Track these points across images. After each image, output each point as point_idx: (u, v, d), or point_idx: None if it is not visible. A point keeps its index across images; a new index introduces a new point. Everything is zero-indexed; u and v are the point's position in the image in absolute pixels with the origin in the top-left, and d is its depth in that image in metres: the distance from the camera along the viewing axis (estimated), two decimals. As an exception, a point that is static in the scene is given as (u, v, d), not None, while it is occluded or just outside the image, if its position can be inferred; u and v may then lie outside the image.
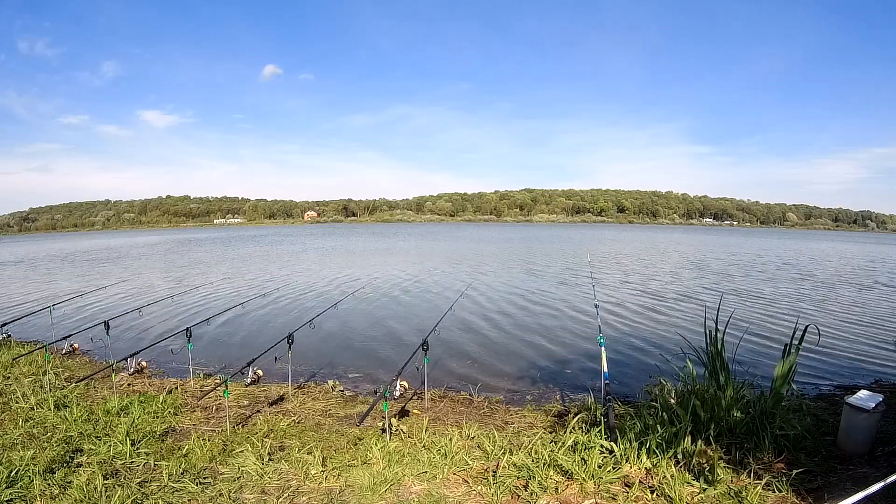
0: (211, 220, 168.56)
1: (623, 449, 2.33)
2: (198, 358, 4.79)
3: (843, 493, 1.94)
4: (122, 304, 8.39)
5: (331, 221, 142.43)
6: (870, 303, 8.83)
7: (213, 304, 8.19)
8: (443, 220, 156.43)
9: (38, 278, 13.64)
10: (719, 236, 48.02)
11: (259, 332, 6.23)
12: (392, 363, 3.71)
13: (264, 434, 2.75)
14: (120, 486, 2.13)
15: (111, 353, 4.78)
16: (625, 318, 7.07)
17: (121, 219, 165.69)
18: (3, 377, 3.79)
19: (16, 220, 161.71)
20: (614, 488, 2.13)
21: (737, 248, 26.72)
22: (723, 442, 2.45)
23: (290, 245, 29.65)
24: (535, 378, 4.51)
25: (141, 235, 58.42)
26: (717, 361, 2.96)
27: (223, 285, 10.89)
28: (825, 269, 15.81)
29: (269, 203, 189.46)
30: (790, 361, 2.81)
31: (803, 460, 2.38)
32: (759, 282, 11.75)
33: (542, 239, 37.21)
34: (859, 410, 2.42)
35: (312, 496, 2.13)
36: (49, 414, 2.96)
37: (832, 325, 6.84)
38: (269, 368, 4.27)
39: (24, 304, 8.87)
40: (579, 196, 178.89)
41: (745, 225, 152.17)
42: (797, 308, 8.15)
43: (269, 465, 2.36)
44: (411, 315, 7.38)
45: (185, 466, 2.34)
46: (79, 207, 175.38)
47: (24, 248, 33.95)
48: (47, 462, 2.30)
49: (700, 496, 2.04)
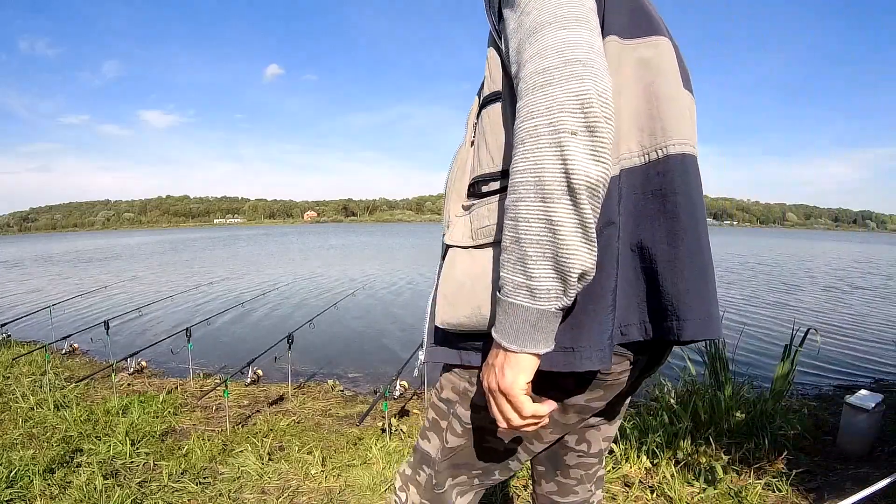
0: (211, 220, 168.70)
1: (623, 449, 2.33)
2: (198, 358, 4.79)
3: (842, 493, 1.94)
4: (122, 304, 8.38)
5: (331, 221, 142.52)
6: (870, 302, 8.84)
7: (213, 304, 8.19)
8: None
9: (37, 278, 13.64)
10: (719, 236, 48.05)
11: (259, 331, 6.23)
12: (392, 363, 3.71)
13: (264, 434, 2.75)
14: (119, 486, 2.13)
15: (111, 353, 4.77)
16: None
17: (121, 219, 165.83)
18: (3, 377, 3.78)
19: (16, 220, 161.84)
20: (614, 488, 2.13)
21: (737, 248, 26.73)
22: (723, 442, 2.45)
23: (289, 245, 29.65)
24: (535, 378, 4.51)
25: (141, 235, 58.50)
26: (717, 361, 2.96)
27: (223, 285, 10.89)
28: (825, 268, 15.82)
29: (269, 203, 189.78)
30: (790, 361, 2.81)
31: (803, 460, 2.38)
32: (759, 281, 11.75)
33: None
34: (859, 410, 2.42)
35: (312, 496, 2.13)
36: (49, 414, 2.96)
37: (832, 324, 6.85)
38: (269, 368, 4.27)
39: (24, 303, 8.87)
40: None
41: (745, 225, 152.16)
42: (797, 308, 8.15)
43: (269, 465, 2.36)
44: (411, 314, 7.37)
45: (184, 466, 2.34)
46: (79, 207, 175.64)
47: (23, 248, 33.95)
48: (47, 462, 2.30)
49: (700, 496, 2.04)
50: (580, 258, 0.56)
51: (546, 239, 0.55)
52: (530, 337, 0.59)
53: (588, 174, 0.54)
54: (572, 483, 0.96)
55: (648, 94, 0.67)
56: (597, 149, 0.55)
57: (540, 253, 0.56)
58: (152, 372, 4.44)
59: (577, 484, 0.96)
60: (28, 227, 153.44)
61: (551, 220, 0.55)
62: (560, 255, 0.55)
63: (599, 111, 0.54)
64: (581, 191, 0.54)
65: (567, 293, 0.57)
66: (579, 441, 0.91)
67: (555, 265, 0.56)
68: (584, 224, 0.55)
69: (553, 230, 0.55)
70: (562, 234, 0.55)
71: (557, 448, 0.93)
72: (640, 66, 0.67)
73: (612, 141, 0.56)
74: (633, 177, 0.67)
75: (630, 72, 0.67)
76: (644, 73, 0.68)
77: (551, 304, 0.57)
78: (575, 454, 0.93)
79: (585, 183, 0.54)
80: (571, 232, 0.55)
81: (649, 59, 0.68)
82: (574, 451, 0.92)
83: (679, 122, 0.67)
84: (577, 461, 0.93)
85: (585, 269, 0.57)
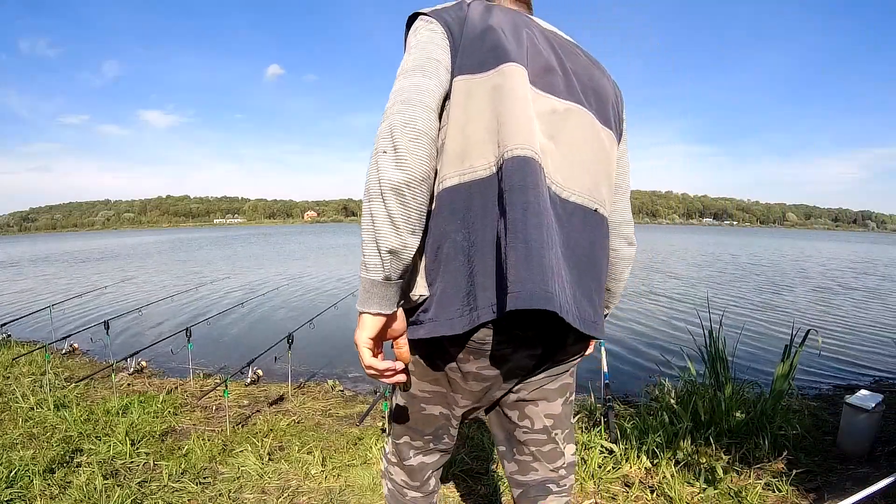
0: (211, 220, 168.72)
1: (623, 449, 2.33)
2: (198, 358, 4.79)
3: (842, 492, 1.95)
4: (122, 304, 8.38)
5: (331, 221, 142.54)
6: (870, 302, 8.83)
7: (213, 304, 8.19)
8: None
9: (37, 278, 13.64)
10: (719, 236, 48.03)
11: (259, 331, 6.23)
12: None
13: (264, 434, 2.75)
14: (119, 486, 2.13)
15: (111, 352, 4.77)
16: (625, 319, 7.07)
17: (121, 218, 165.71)
18: (3, 377, 3.78)
19: (16, 220, 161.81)
20: (614, 488, 2.13)
21: (737, 248, 26.72)
22: (723, 442, 2.45)
23: (289, 244, 29.65)
24: (535, 378, 4.50)
25: (141, 235, 58.48)
26: (717, 362, 2.96)
27: (223, 285, 10.89)
28: (825, 268, 15.81)
29: (269, 203, 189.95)
30: (790, 361, 2.81)
31: (803, 460, 2.38)
32: (759, 281, 11.75)
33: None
34: (859, 410, 2.42)
35: (312, 496, 2.13)
36: (49, 414, 2.96)
37: (832, 324, 6.85)
38: (269, 368, 4.27)
39: (24, 303, 8.87)
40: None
41: (745, 225, 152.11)
42: (797, 307, 8.15)
43: (269, 465, 2.36)
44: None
45: (184, 466, 2.34)
46: (79, 207, 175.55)
47: (23, 248, 33.95)
48: (47, 462, 2.30)
49: (700, 496, 2.04)
50: (388, 239, 0.77)
51: (369, 227, 0.78)
52: (366, 301, 0.81)
53: (391, 179, 0.77)
54: (529, 460, 1.09)
55: (497, 114, 0.83)
56: (399, 161, 0.77)
57: (368, 237, 0.79)
58: (152, 372, 4.44)
59: (534, 461, 1.09)
60: (28, 227, 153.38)
61: (371, 213, 0.78)
62: (378, 238, 0.77)
63: (401, 135, 0.78)
64: (387, 191, 0.77)
65: (384, 267, 0.79)
66: (521, 417, 1.06)
67: (376, 246, 0.78)
68: (391, 215, 0.77)
69: (372, 220, 0.78)
70: (377, 223, 0.77)
71: (507, 425, 1.09)
72: (494, 92, 0.84)
73: (416, 155, 0.78)
74: (484, 185, 0.83)
75: (483, 99, 0.85)
76: (495, 97, 0.84)
77: (377, 275, 0.79)
78: (521, 430, 1.07)
79: (390, 185, 0.76)
80: (382, 221, 0.77)
81: (501, 85, 0.84)
82: (519, 426, 1.07)
83: (518, 130, 0.82)
84: (525, 437, 1.07)
85: (393, 247, 0.78)
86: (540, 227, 0.79)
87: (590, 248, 0.92)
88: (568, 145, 0.90)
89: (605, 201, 0.97)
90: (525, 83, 0.86)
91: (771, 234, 58.48)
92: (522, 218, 0.78)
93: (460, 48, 0.87)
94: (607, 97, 1.00)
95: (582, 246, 0.91)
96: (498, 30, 0.89)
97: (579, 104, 0.92)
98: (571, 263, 0.88)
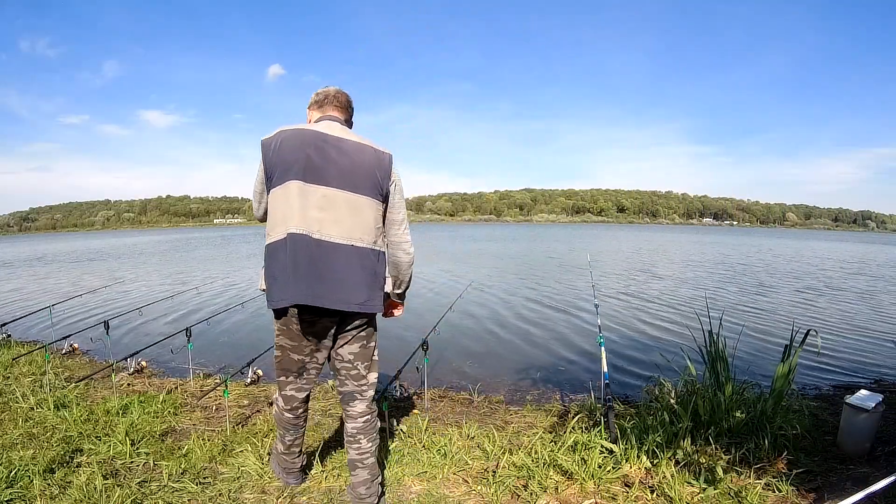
0: (211, 220, 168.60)
1: (623, 449, 2.32)
2: (198, 358, 4.79)
3: (842, 492, 1.94)
4: (122, 304, 8.39)
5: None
6: (869, 302, 8.83)
7: (213, 304, 8.19)
8: (443, 219, 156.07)
9: (37, 278, 13.64)
10: (719, 236, 48.01)
11: (259, 331, 6.22)
12: (392, 363, 3.70)
13: (264, 434, 2.75)
14: (119, 486, 2.13)
15: (111, 352, 4.77)
16: (625, 318, 7.07)
17: (121, 219, 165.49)
18: (3, 377, 3.78)
19: (16, 220, 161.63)
20: (614, 488, 2.13)
21: (737, 248, 26.72)
22: (723, 442, 2.45)
23: (290, 245, 29.50)
24: (535, 378, 4.50)
25: (141, 235, 58.43)
26: (717, 361, 2.95)
27: (223, 285, 10.89)
28: (825, 268, 15.81)
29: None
30: (790, 361, 2.81)
31: (803, 460, 2.38)
32: (759, 281, 11.75)
33: (542, 239, 37.18)
34: (859, 410, 2.42)
35: (312, 496, 2.13)
36: (49, 414, 2.96)
37: (832, 324, 6.85)
38: (269, 368, 4.26)
39: (24, 303, 8.87)
40: (579, 196, 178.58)
41: (744, 225, 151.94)
42: (797, 307, 8.15)
43: (269, 465, 2.36)
44: (411, 314, 7.37)
45: (184, 466, 2.34)
46: (79, 207, 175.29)
47: (23, 248, 33.95)
48: (47, 462, 2.30)
49: (700, 496, 2.04)
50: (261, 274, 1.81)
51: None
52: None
53: None
54: (343, 378, 1.93)
55: (285, 209, 1.69)
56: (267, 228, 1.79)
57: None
58: (152, 372, 4.44)
59: (347, 380, 1.93)
60: (28, 227, 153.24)
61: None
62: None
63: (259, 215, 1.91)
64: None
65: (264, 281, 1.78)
66: (337, 355, 1.90)
67: None
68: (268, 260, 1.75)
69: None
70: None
71: (334, 360, 1.93)
72: (284, 194, 1.70)
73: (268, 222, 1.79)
74: (280, 244, 1.69)
75: (279, 199, 1.71)
76: (284, 199, 1.70)
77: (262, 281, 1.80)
78: (337, 361, 1.92)
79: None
80: None
81: (285, 193, 1.69)
82: (336, 359, 1.92)
83: (289, 218, 1.67)
84: (339, 365, 1.92)
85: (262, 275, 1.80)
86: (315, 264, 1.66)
87: (345, 264, 1.69)
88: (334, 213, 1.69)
89: (360, 238, 1.73)
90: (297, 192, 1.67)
91: (771, 234, 58.47)
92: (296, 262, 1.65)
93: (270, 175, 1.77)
94: (368, 173, 1.74)
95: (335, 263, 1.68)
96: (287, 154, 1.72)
97: (339, 188, 1.69)
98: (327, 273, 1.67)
